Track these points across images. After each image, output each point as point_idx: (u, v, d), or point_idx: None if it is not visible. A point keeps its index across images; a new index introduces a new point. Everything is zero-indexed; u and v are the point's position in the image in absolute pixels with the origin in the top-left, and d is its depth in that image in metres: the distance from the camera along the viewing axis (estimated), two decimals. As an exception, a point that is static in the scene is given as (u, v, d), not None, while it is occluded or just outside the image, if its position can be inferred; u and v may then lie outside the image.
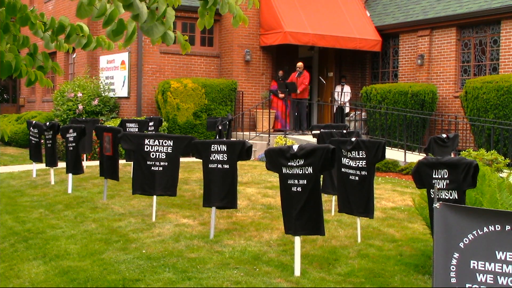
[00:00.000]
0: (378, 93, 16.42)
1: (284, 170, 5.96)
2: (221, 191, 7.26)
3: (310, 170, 5.79)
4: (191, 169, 12.44)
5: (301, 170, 5.82)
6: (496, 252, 3.49)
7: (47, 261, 6.40)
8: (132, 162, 9.55)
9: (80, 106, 16.89)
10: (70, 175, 10.28)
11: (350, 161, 6.88)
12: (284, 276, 5.81)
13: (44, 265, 6.26)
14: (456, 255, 3.66)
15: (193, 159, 10.54)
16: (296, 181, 5.87)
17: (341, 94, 18.11)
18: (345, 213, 7.30)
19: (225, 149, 7.21)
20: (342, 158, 6.98)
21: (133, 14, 2.96)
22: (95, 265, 6.17)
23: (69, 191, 10.16)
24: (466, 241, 3.62)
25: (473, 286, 3.57)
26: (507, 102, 13.47)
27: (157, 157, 8.00)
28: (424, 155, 10.09)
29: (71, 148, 10.25)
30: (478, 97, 14.02)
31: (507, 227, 3.45)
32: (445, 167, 5.14)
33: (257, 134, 16.28)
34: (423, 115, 15.57)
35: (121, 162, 11.04)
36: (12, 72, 3.44)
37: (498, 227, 3.49)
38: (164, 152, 8.01)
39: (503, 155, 12.17)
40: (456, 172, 5.06)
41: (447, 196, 5.14)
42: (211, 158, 7.27)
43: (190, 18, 17.32)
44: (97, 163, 11.90)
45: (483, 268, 3.54)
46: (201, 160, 7.41)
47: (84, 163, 12.15)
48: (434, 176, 5.22)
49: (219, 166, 7.23)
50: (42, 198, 9.89)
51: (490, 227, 3.52)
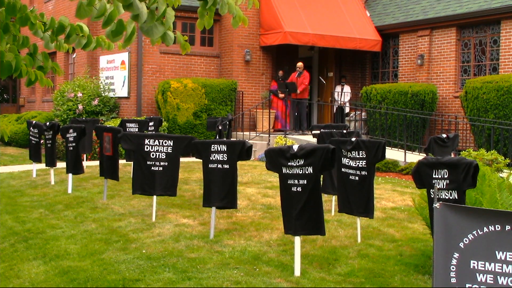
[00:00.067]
0: (378, 93, 16.42)
1: (284, 170, 5.96)
2: (221, 191, 7.26)
3: (310, 170, 5.79)
4: (191, 169, 12.44)
5: (301, 170, 5.82)
6: (496, 252, 3.49)
7: (47, 261, 6.40)
8: (132, 162, 9.56)
9: (80, 106, 16.88)
10: (70, 175, 10.28)
11: (350, 161, 6.88)
12: (284, 276, 5.81)
13: (44, 265, 6.26)
14: (456, 255, 3.66)
15: (193, 159, 10.54)
16: (296, 181, 5.87)
17: (341, 94, 18.11)
18: (345, 213, 7.30)
19: (225, 149, 7.21)
20: (342, 158, 6.98)
21: (133, 14, 2.96)
22: (95, 265, 6.17)
23: (69, 191, 10.16)
24: (466, 241, 3.62)
25: (473, 286, 3.57)
26: (507, 102, 13.47)
27: (157, 157, 8.00)
28: (424, 155, 10.09)
29: (71, 148, 10.25)
30: (478, 97, 14.02)
31: (507, 227, 3.45)
32: (445, 167, 5.14)
33: (257, 134, 16.27)
34: (423, 115, 15.57)
35: (121, 162, 11.04)
36: (12, 72, 3.44)
37: (498, 227, 3.49)
38: (164, 152, 8.01)
39: (503, 155, 12.17)
40: (456, 172, 5.06)
41: (447, 196, 5.14)
42: (211, 158, 7.27)
43: (190, 18, 17.31)
44: (97, 163, 11.90)
45: (483, 268, 3.54)
46: (201, 160, 7.41)
47: (84, 163, 12.15)
48: (434, 176, 5.22)
49: (219, 166, 7.23)
50: (42, 198, 9.88)
51: (490, 227, 3.52)
